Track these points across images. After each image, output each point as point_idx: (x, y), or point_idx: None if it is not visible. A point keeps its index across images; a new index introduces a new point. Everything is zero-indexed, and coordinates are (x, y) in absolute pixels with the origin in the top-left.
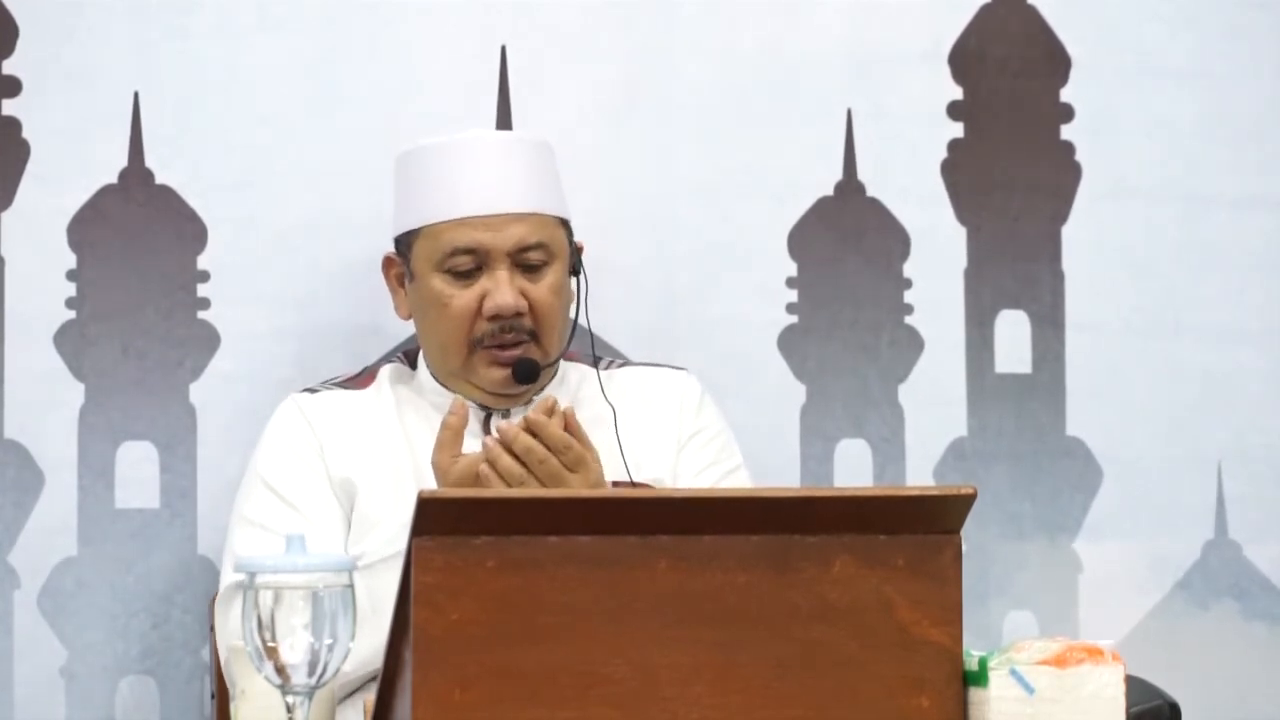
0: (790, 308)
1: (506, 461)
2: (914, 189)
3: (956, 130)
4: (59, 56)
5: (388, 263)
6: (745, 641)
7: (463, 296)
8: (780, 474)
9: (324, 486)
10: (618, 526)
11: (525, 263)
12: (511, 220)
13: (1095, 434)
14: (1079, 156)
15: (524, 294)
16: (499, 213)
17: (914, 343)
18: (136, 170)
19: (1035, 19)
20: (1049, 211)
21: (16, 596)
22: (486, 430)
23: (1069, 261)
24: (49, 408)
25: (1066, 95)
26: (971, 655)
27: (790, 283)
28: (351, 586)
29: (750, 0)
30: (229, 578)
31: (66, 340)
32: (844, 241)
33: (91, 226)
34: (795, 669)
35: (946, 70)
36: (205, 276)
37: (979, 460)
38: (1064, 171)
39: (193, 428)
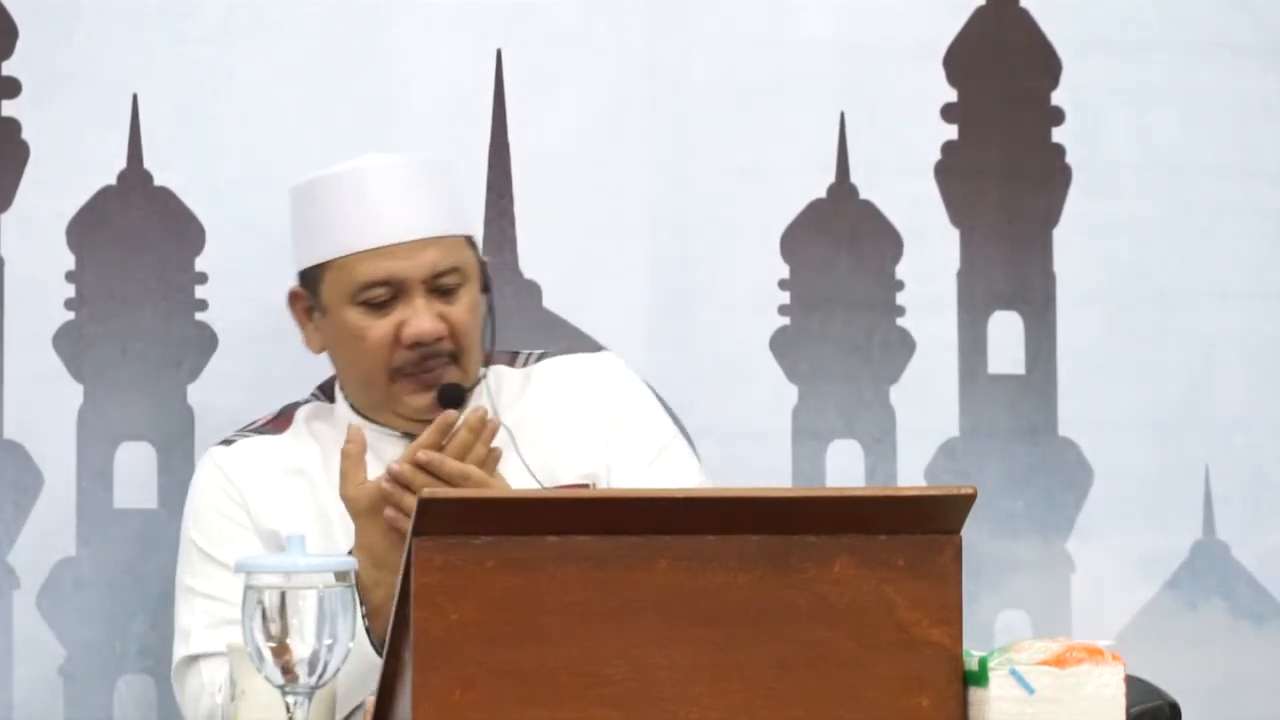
0: (782, 309)
1: (410, 500)
2: (907, 191)
3: (950, 132)
4: (58, 58)
5: (293, 297)
6: (745, 641)
7: (379, 327)
8: (772, 475)
9: (254, 543)
10: (618, 526)
11: (440, 287)
12: (424, 246)
13: (1086, 435)
14: (1069, 159)
15: (442, 318)
16: (410, 239)
17: (906, 344)
18: (135, 172)
19: (1027, 22)
20: (1041, 213)
21: (16, 596)
22: None
23: (1060, 263)
24: (48, 408)
25: (1057, 98)
26: (971, 655)
27: (783, 284)
28: (352, 587)
29: (744, 3)
30: (179, 652)
31: (65, 341)
32: (836, 243)
33: (90, 228)
34: (795, 669)
35: (941, 72)
36: (203, 278)
37: (971, 461)
38: (1055, 174)
39: (191, 428)
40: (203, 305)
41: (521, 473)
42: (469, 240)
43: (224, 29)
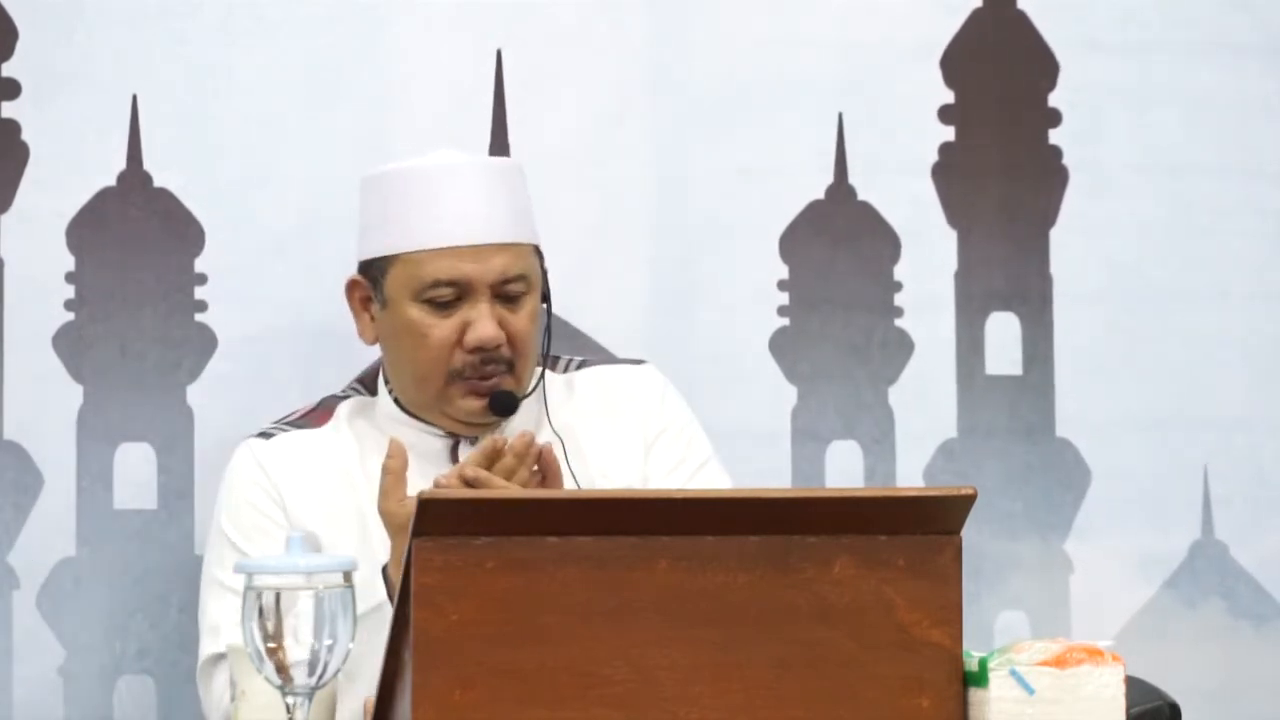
0: (781, 310)
1: None
2: (905, 191)
3: (948, 133)
4: (58, 59)
5: (352, 285)
6: (745, 641)
7: (442, 327)
8: (772, 476)
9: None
10: (618, 526)
11: (506, 294)
12: (495, 251)
13: (1084, 435)
14: (1066, 160)
15: (503, 324)
16: (483, 243)
17: (904, 345)
18: (135, 173)
19: (1024, 23)
20: (1039, 214)
21: (15, 597)
22: (455, 458)
23: (1058, 264)
24: (48, 409)
25: (1054, 100)
26: (971, 656)
27: (781, 285)
28: (351, 587)
29: (744, 3)
30: (208, 648)
31: (65, 342)
32: (835, 244)
33: (90, 229)
34: (795, 669)
35: (938, 74)
36: (203, 279)
37: (969, 461)
38: (1052, 174)
39: (190, 429)
40: (202, 306)
41: (566, 480)
42: (536, 249)
43: (224, 29)
